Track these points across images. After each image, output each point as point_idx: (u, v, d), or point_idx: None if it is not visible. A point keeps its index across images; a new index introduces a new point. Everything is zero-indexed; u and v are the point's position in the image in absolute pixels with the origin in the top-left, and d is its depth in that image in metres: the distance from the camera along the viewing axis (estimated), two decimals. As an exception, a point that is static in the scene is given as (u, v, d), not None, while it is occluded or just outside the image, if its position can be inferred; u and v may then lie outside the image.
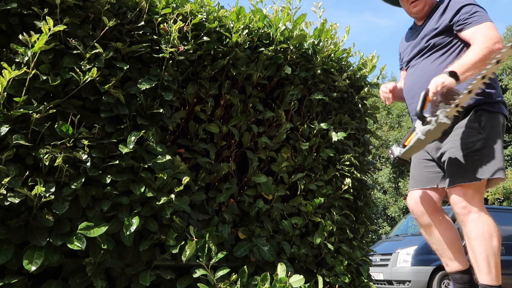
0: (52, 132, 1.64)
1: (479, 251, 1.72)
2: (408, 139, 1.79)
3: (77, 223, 1.63)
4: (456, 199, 1.77)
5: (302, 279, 1.87)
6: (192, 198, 1.98)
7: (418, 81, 1.95)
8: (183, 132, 2.18)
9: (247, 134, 2.23)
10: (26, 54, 1.58)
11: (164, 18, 1.97)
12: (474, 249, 1.73)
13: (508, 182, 18.39)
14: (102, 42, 1.80)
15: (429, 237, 1.98)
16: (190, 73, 2.11)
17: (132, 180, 1.77)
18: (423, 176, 1.99)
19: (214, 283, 1.76)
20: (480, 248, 1.71)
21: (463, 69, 1.69)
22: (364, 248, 2.55)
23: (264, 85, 2.39)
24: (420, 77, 1.95)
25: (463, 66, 1.69)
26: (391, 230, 8.97)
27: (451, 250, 1.92)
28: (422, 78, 1.92)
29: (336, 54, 2.58)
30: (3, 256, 1.49)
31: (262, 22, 2.25)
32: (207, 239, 1.84)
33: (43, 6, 1.68)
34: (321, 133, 2.46)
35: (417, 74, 1.99)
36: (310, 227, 2.33)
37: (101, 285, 1.66)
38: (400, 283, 6.49)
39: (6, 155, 1.50)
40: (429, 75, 1.83)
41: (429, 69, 1.91)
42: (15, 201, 1.49)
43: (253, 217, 2.20)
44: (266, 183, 2.20)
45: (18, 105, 1.55)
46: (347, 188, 2.43)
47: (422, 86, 1.82)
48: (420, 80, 1.93)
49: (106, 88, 1.73)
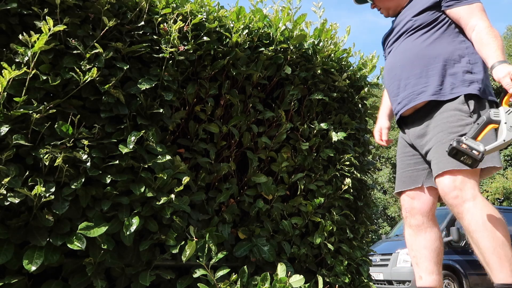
0: (52, 132, 1.64)
1: (484, 244, 1.47)
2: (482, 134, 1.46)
3: (77, 223, 1.63)
4: (447, 188, 1.53)
5: (302, 279, 1.87)
6: (192, 198, 1.98)
7: (400, 59, 1.78)
8: (183, 132, 2.18)
9: (247, 134, 2.23)
10: (26, 54, 1.58)
11: (164, 18, 1.97)
12: (478, 244, 1.49)
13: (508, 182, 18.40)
14: (102, 42, 1.80)
15: (413, 240, 1.77)
16: (190, 73, 2.11)
17: (132, 180, 1.77)
18: (406, 175, 1.79)
19: (214, 283, 1.76)
20: (484, 241, 1.46)
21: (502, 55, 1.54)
22: (364, 248, 2.55)
23: (264, 85, 2.39)
24: (402, 54, 1.79)
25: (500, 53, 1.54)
26: (391, 230, 8.97)
27: (432, 261, 1.71)
28: (404, 54, 1.77)
29: (336, 54, 2.58)
30: (3, 256, 1.49)
31: (262, 22, 2.25)
32: (207, 239, 1.84)
33: (43, 6, 1.68)
34: (321, 133, 2.46)
35: (400, 52, 1.81)
36: (310, 227, 2.33)
37: (101, 285, 1.66)
38: (400, 283, 6.49)
39: (6, 155, 1.50)
40: (412, 51, 1.72)
41: (412, 45, 1.76)
42: (15, 201, 1.49)
43: (253, 217, 2.20)
44: (266, 183, 2.20)
45: (18, 105, 1.55)
46: (347, 188, 2.43)
47: (405, 63, 1.71)
48: (402, 57, 1.78)
49: (106, 88, 1.73)
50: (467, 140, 1.43)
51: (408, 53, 1.75)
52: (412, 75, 1.72)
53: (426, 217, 1.75)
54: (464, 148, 1.42)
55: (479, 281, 6.34)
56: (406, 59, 1.74)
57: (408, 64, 1.73)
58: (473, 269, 6.34)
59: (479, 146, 1.41)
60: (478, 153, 1.40)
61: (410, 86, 1.73)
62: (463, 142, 1.42)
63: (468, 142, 1.42)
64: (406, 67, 1.75)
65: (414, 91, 1.71)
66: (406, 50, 1.78)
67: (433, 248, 1.72)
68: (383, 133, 2.01)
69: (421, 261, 1.73)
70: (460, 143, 1.43)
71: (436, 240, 1.73)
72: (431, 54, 1.70)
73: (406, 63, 1.74)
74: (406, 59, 1.75)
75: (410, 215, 1.78)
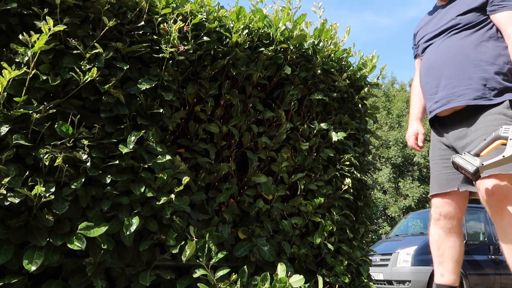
0: (52, 132, 1.64)
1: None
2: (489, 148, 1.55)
3: (77, 223, 1.63)
4: (492, 190, 1.56)
5: (302, 279, 1.87)
6: (192, 198, 1.98)
7: (442, 57, 1.77)
8: (183, 132, 2.18)
9: (247, 134, 2.23)
10: (26, 54, 1.58)
11: (164, 18, 1.97)
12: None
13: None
14: (102, 42, 1.80)
15: (442, 241, 1.83)
16: (190, 73, 2.11)
17: (132, 180, 1.77)
18: (442, 178, 1.80)
19: (214, 283, 1.76)
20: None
21: None
22: (364, 248, 2.55)
23: (264, 85, 2.39)
24: (445, 52, 1.77)
25: None
26: (391, 230, 8.97)
27: (457, 263, 1.80)
28: (447, 52, 1.76)
29: (336, 54, 2.58)
30: (3, 256, 1.49)
31: (262, 22, 2.25)
32: (207, 239, 1.84)
33: (43, 6, 1.68)
34: (321, 133, 2.46)
35: (442, 50, 1.80)
36: (310, 227, 2.33)
37: (101, 285, 1.66)
38: (400, 283, 6.48)
39: (6, 155, 1.50)
40: (457, 50, 1.70)
41: (457, 45, 1.75)
42: (15, 201, 1.49)
43: (253, 217, 2.20)
44: (266, 183, 2.20)
45: (18, 105, 1.55)
46: (347, 188, 2.43)
47: (448, 62, 1.70)
48: (444, 55, 1.76)
49: (106, 88, 1.73)
50: (465, 155, 1.54)
51: (451, 52, 1.73)
52: (454, 75, 1.71)
53: (457, 221, 1.81)
54: (461, 163, 1.54)
55: (479, 281, 6.34)
56: (449, 58, 1.73)
57: (451, 64, 1.72)
58: (473, 269, 6.35)
59: (475, 161, 1.51)
60: (472, 168, 1.50)
61: (451, 86, 1.72)
62: (461, 157, 1.55)
63: (466, 157, 1.54)
64: (449, 66, 1.73)
65: (455, 92, 1.70)
66: (450, 48, 1.75)
67: (459, 251, 1.81)
68: (420, 138, 1.98)
69: (447, 261, 1.81)
70: (459, 158, 1.55)
71: (462, 244, 1.83)
72: (475, 56, 1.69)
73: (449, 62, 1.72)
74: (449, 58, 1.73)
75: (443, 218, 1.82)
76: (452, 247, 1.81)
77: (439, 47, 1.81)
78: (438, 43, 1.82)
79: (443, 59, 1.76)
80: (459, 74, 1.70)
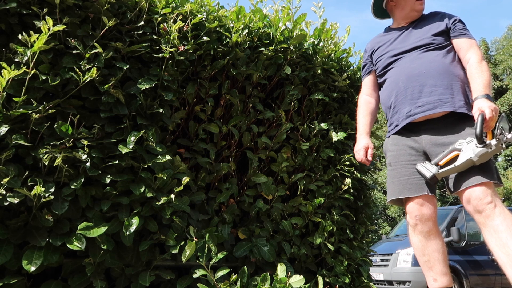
0: (51, 132, 1.63)
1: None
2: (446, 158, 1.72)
3: (77, 223, 1.62)
4: (482, 194, 1.68)
5: (302, 279, 1.87)
6: (192, 198, 1.98)
7: (426, 66, 1.87)
8: (183, 132, 2.18)
9: (247, 134, 2.23)
10: (26, 54, 1.58)
11: (164, 18, 1.96)
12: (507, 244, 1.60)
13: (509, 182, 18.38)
14: (102, 42, 1.80)
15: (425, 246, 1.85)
16: (190, 73, 2.11)
17: (132, 180, 1.77)
18: (413, 182, 1.84)
19: (214, 283, 1.76)
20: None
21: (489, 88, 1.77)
22: (364, 248, 2.55)
23: (264, 85, 2.39)
24: (429, 63, 1.88)
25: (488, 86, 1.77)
26: (391, 230, 8.96)
27: (444, 263, 1.84)
28: (431, 64, 1.87)
29: (336, 54, 2.57)
30: (3, 256, 1.49)
31: (262, 22, 2.25)
32: (207, 239, 1.83)
33: (43, 6, 1.68)
34: (321, 133, 2.45)
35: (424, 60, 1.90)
36: (310, 227, 2.33)
37: (100, 285, 1.65)
38: (400, 283, 6.48)
39: (6, 155, 1.50)
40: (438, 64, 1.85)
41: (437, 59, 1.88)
42: (15, 201, 1.48)
43: (253, 217, 2.19)
44: (266, 183, 2.19)
45: (18, 105, 1.55)
46: (347, 188, 2.43)
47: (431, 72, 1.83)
48: (428, 65, 1.87)
49: (105, 88, 1.73)
50: (425, 163, 1.78)
51: (434, 64, 1.86)
52: (439, 84, 1.84)
53: (433, 222, 1.85)
54: (421, 169, 1.77)
55: (480, 281, 6.33)
56: (433, 69, 1.85)
57: (434, 74, 1.84)
58: (473, 269, 6.34)
59: (433, 169, 1.74)
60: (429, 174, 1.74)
61: (437, 93, 1.83)
62: (422, 165, 1.78)
63: (426, 165, 1.77)
64: (433, 76, 1.85)
65: (442, 99, 1.82)
66: (432, 61, 1.89)
67: (443, 251, 1.86)
68: (369, 153, 2.03)
69: (435, 265, 1.85)
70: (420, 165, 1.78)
71: (443, 244, 1.88)
72: (453, 72, 1.87)
73: (432, 72, 1.84)
74: (433, 69, 1.85)
75: (420, 222, 1.85)
76: (435, 249, 1.85)
77: (419, 58, 1.93)
78: (415, 56, 1.94)
79: (426, 68, 1.88)
80: (443, 84, 1.83)
